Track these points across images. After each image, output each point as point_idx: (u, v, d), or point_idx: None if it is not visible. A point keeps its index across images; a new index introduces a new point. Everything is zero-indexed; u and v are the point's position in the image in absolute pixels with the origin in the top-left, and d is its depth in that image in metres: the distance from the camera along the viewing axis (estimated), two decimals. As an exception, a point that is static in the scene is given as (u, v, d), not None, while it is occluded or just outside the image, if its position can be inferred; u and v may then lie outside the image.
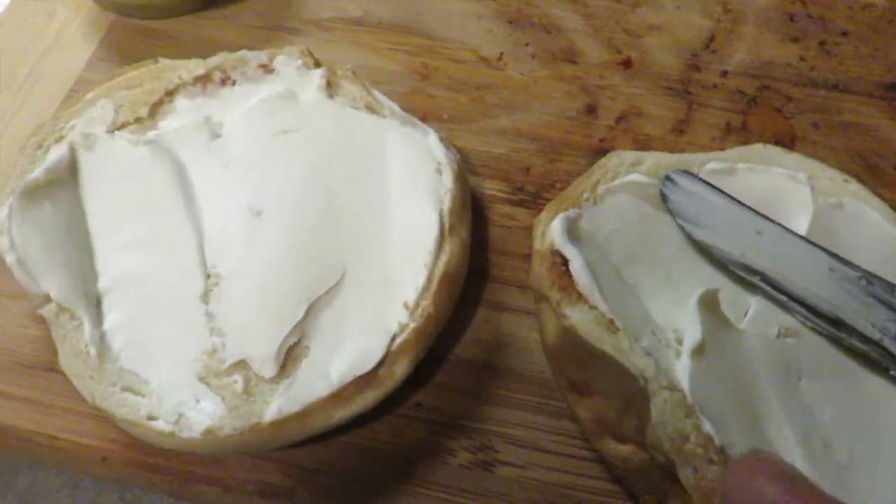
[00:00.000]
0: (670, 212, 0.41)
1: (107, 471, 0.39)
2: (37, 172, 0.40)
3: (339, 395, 0.37)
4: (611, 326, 0.36)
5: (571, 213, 0.40)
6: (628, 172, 0.42)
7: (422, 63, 0.53)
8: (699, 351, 0.37)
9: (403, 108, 0.46)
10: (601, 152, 0.49)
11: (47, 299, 0.38)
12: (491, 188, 0.48)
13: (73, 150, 0.42)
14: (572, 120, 0.51)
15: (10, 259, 0.37)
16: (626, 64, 0.53)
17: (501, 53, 0.54)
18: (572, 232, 0.39)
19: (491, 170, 0.49)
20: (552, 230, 0.39)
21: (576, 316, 0.37)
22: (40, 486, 0.43)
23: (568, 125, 0.51)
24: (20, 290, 0.43)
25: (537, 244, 0.40)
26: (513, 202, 0.48)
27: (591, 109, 0.51)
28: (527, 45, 0.54)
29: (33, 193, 0.39)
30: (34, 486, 0.43)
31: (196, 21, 0.54)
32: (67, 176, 0.41)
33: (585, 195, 0.41)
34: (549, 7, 0.56)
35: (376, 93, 0.46)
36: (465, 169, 0.46)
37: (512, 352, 0.42)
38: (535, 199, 0.48)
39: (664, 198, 0.41)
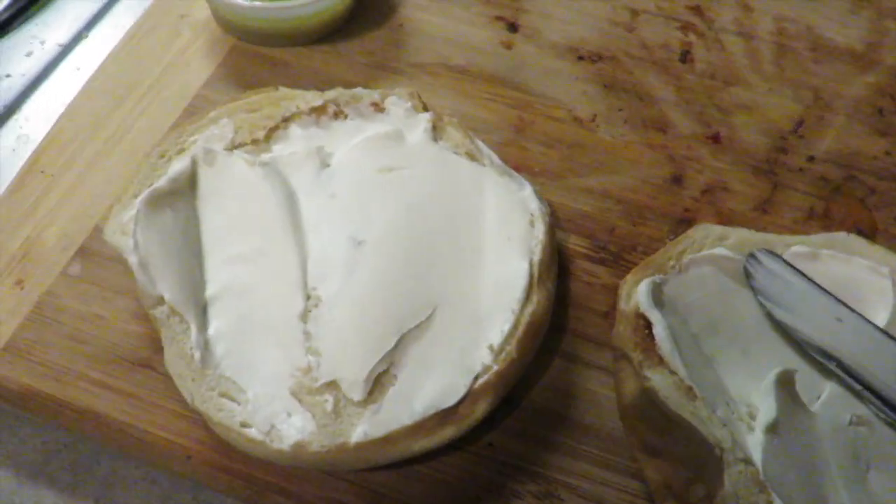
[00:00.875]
0: (752, 289, 0.42)
1: (189, 469, 0.41)
2: (162, 181, 0.43)
3: (421, 427, 0.38)
4: (689, 393, 0.37)
5: (657, 278, 0.42)
6: (714, 245, 0.44)
7: (518, 116, 0.55)
8: (772, 428, 0.38)
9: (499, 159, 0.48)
10: (684, 221, 0.51)
11: (161, 301, 0.40)
12: (574, 243, 0.50)
13: (194, 164, 0.45)
14: (658, 187, 0.53)
15: (133, 259, 0.40)
16: (715, 139, 0.55)
17: (595, 115, 0.56)
18: (657, 297, 0.41)
19: (576, 226, 0.50)
20: (639, 293, 0.41)
21: (656, 379, 0.38)
22: (119, 476, 0.45)
23: (653, 191, 0.52)
24: (126, 287, 0.46)
25: (622, 304, 0.41)
26: (594, 259, 0.49)
27: (677, 179, 0.53)
28: (620, 110, 0.56)
29: (157, 201, 0.42)
30: (113, 475, 0.45)
31: (310, 53, 0.57)
32: (187, 187, 0.44)
33: (671, 262, 0.43)
34: (644, 76, 0.58)
35: (478, 141, 0.48)
36: (554, 223, 0.47)
37: (584, 405, 0.43)
38: (616, 259, 0.49)
39: (747, 274, 0.43)
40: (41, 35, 0.63)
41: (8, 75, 0.60)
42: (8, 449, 0.46)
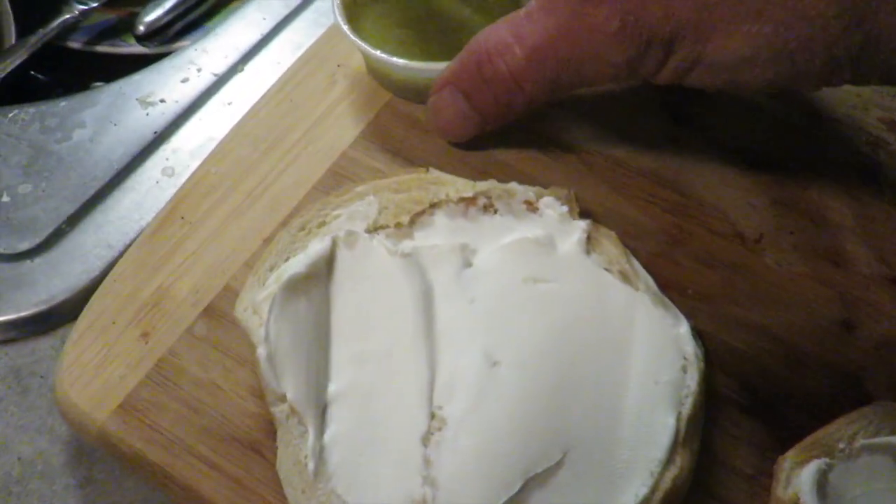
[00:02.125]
0: (933, 492, 0.37)
1: (281, 571, 0.40)
2: (300, 266, 0.41)
3: (534, 590, 0.35)
4: None
5: (823, 463, 0.37)
6: (894, 430, 0.39)
7: (674, 223, 0.51)
8: None
9: (649, 271, 0.44)
10: (850, 376, 0.45)
11: (283, 399, 0.39)
12: (720, 384, 0.45)
13: (334, 245, 0.43)
14: (825, 331, 0.47)
15: (262, 352, 0.39)
16: (897, 283, 0.49)
17: (761, 235, 0.51)
18: (821, 486, 0.36)
19: (724, 363, 0.46)
20: (801, 481, 0.36)
21: None
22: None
23: (819, 336, 0.47)
24: (248, 358, 0.44)
25: (779, 490, 0.37)
26: (742, 407, 0.44)
27: (849, 325, 0.47)
28: (791, 233, 0.51)
29: (294, 286, 0.41)
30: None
31: (464, 123, 0.55)
32: (324, 271, 0.43)
33: (840, 444, 0.38)
34: (823, 197, 0.52)
35: (634, 261, 0.44)
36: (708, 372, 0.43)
37: (713, 583, 0.39)
38: (766, 409, 0.44)
39: (929, 473, 0.37)
40: (199, 62, 0.63)
41: (162, 100, 0.61)
42: (109, 500, 0.45)
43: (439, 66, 0.48)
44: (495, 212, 0.45)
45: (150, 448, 0.42)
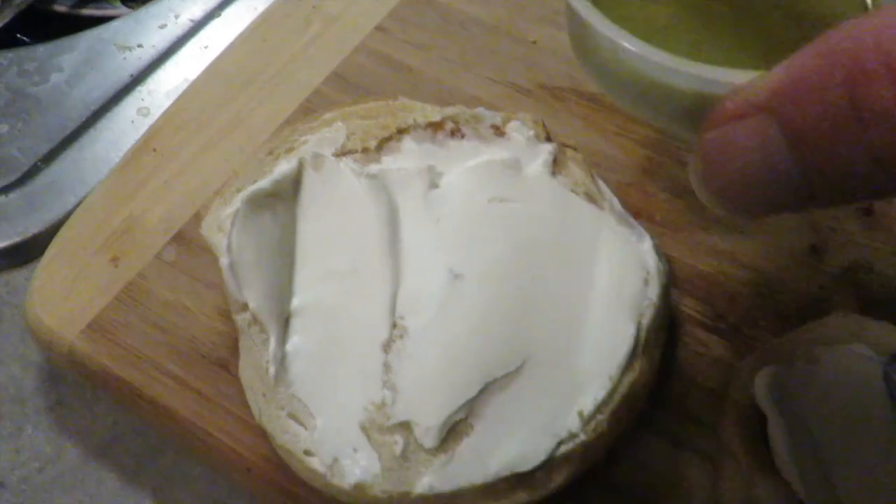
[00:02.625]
0: (891, 398, 0.37)
1: (247, 482, 0.40)
2: (265, 182, 0.42)
3: (492, 488, 0.35)
4: (800, 510, 0.33)
5: (780, 369, 0.37)
6: (850, 340, 0.39)
7: (647, 157, 0.51)
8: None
9: (618, 199, 0.45)
10: (818, 301, 0.45)
11: (244, 307, 0.39)
12: (688, 307, 0.45)
13: (300, 167, 0.43)
14: (793, 258, 0.47)
15: (224, 261, 0.39)
16: (867, 212, 0.49)
17: (731, 167, 0.51)
18: (777, 391, 0.36)
19: (693, 287, 0.46)
20: (757, 384, 0.36)
21: (765, 486, 0.33)
22: (180, 471, 0.44)
23: (787, 262, 0.47)
24: (216, 282, 0.45)
25: (736, 393, 0.37)
26: (708, 328, 0.45)
27: (817, 251, 0.48)
28: (761, 164, 0.51)
29: (259, 202, 0.41)
30: (175, 470, 0.44)
31: (436, 61, 0.55)
32: (290, 191, 0.43)
33: (799, 352, 0.38)
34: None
35: (600, 182, 0.44)
36: (670, 285, 0.43)
37: (674, 492, 0.39)
38: (733, 331, 0.44)
39: (887, 380, 0.37)
40: (177, 9, 0.63)
41: (140, 45, 0.61)
42: (80, 423, 0.46)
43: (742, 76, 0.22)
44: (462, 136, 0.46)
45: (118, 365, 0.42)
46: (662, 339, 0.41)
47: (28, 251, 0.51)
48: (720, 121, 0.21)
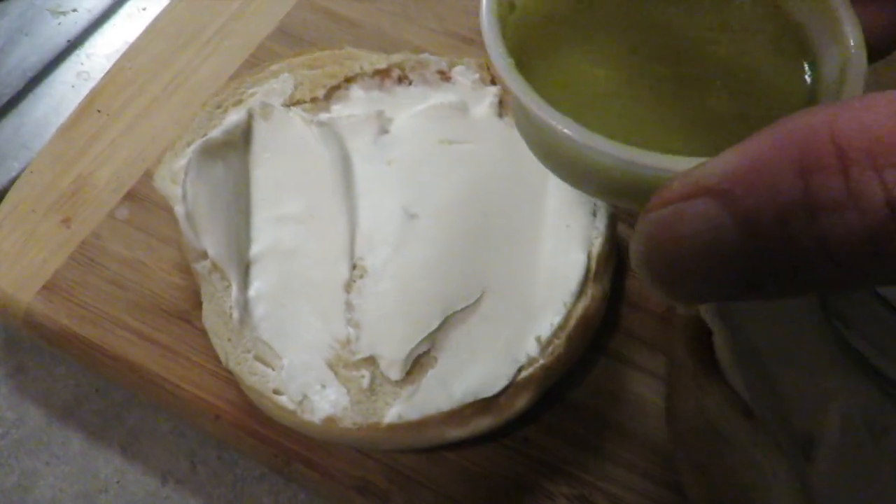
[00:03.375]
0: (825, 308, 0.39)
1: (217, 429, 0.41)
2: (216, 132, 0.42)
3: (458, 414, 0.37)
4: (747, 413, 0.35)
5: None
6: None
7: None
8: (833, 460, 0.35)
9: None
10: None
11: (204, 255, 0.39)
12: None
13: (249, 117, 0.44)
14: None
15: (179, 210, 0.39)
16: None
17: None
18: (720, 305, 0.38)
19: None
20: (702, 300, 0.38)
21: (713, 394, 0.36)
22: (147, 427, 0.44)
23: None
24: (171, 237, 0.45)
25: (681, 309, 0.39)
26: (655, 257, 0.47)
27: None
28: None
29: (210, 151, 0.41)
30: (141, 425, 0.44)
31: (378, 14, 0.55)
32: (241, 141, 0.43)
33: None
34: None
35: (546, 121, 0.46)
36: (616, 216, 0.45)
37: (628, 409, 0.41)
38: (678, 259, 0.47)
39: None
40: (112, -29, 0.62)
41: (74, 10, 0.59)
42: (41, 387, 0.45)
43: (689, 162, 0.21)
44: (409, 82, 0.46)
45: (78, 324, 0.42)
46: (611, 268, 0.42)
47: (-28, 219, 0.50)
48: (667, 201, 0.19)
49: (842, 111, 0.18)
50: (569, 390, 0.42)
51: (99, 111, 0.50)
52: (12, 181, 0.50)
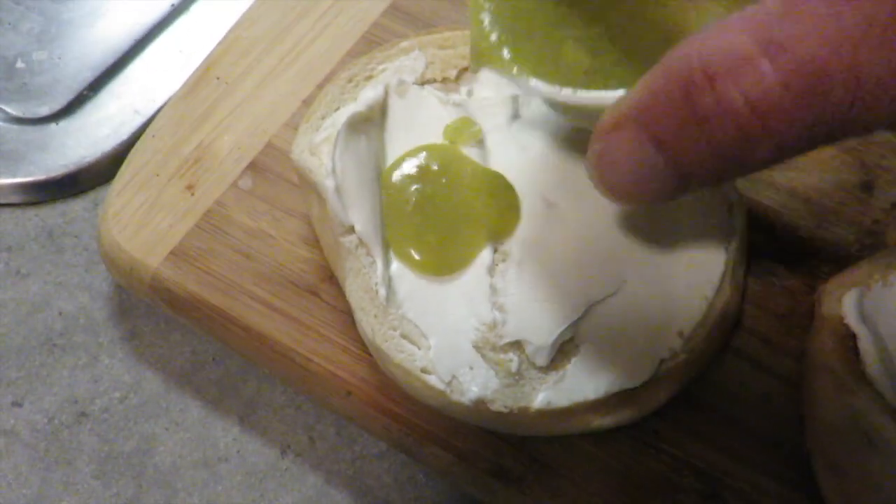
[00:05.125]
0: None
1: (348, 406, 0.40)
2: (360, 105, 0.41)
3: (603, 403, 0.37)
4: (894, 418, 0.35)
5: (862, 291, 0.39)
6: (922, 264, 0.41)
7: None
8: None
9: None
10: (872, 233, 0.48)
11: (351, 230, 0.39)
12: (755, 240, 0.47)
13: (386, 92, 0.43)
14: (847, 193, 0.49)
15: (329, 184, 0.39)
16: (912, 151, 0.51)
17: (784, 106, 0.52)
18: (862, 310, 0.38)
19: (757, 220, 0.47)
20: (846, 304, 0.38)
21: (861, 396, 0.36)
22: (265, 398, 0.44)
23: (842, 197, 0.49)
24: (295, 209, 0.45)
25: (828, 311, 0.39)
26: (774, 259, 0.47)
27: (867, 187, 0.50)
28: (811, 104, 0.53)
29: (355, 126, 0.41)
30: (259, 397, 0.44)
31: (494, -4, 0.55)
32: (379, 116, 0.43)
33: (877, 275, 0.40)
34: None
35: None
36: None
37: (755, 410, 0.41)
38: (797, 260, 0.46)
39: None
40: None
41: (178, -27, 0.59)
42: (158, 353, 0.45)
43: (610, 96, 0.28)
44: (540, 68, 0.46)
45: (207, 291, 0.42)
46: (744, 266, 0.42)
47: (83, 181, 0.50)
48: (602, 133, 0.26)
49: (707, 36, 0.23)
50: (696, 388, 0.41)
51: (218, 78, 0.49)
52: (125, 145, 0.50)
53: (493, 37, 0.33)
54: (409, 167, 0.41)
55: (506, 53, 0.32)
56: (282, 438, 0.43)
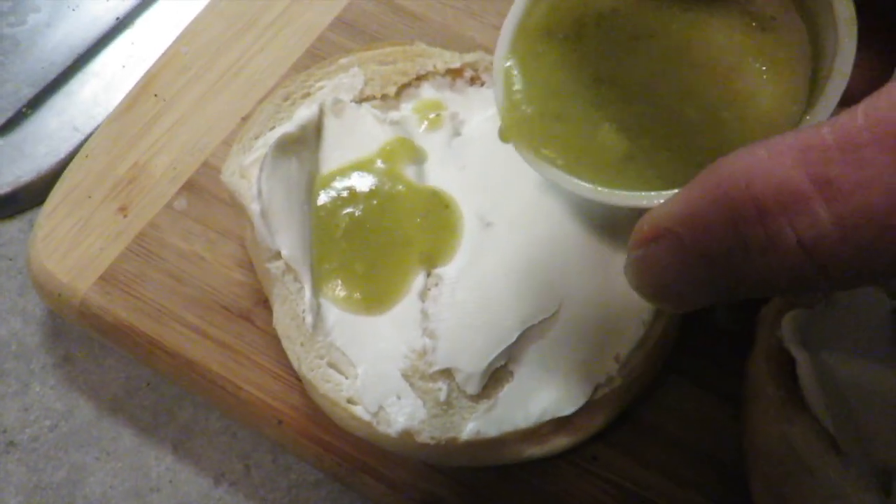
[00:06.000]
0: (902, 337, 0.39)
1: (278, 434, 0.39)
2: (291, 126, 0.40)
3: (535, 432, 0.36)
4: (832, 445, 0.34)
5: (802, 312, 0.38)
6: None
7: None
8: (916, 498, 0.35)
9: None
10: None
11: (277, 256, 0.38)
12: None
13: (321, 112, 0.42)
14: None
15: (255, 208, 0.38)
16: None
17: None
18: (800, 333, 0.37)
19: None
20: (784, 326, 0.37)
21: (798, 423, 0.35)
22: (200, 425, 0.43)
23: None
24: (231, 231, 0.44)
25: (764, 334, 0.38)
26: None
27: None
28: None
29: (284, 147, 0.40)
30: (194, 423, 0.43)
31: (442, 9, 0.54)
32: (312, 136, 0.42)
33: (819, 296, 0.39)
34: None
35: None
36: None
37: (698, 430, 0.40)
38: (746, 278, 0.46)
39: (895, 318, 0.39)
40: (162, -52, 0.60)
41: (124, -14, 0.58)
42: (91, 379, 0.44)
43: (646, 202, 0.28)
44: (482, 83, 0.45)
45: (136, 317, 0.41)
46: (687, 286, 0.41)
47: (20, 201, 0.49)
48: (640, 242, 0.25)
49: (755, 161, 0.22)
50: (639, 409, 0.41)
51: (156, 96, 0.48)
52: (63, 163, 0.49)
53: (525, 109, 0.31)
54: (339, 189, 0.40)
55: (536, 132, 0.30)
56: (216, 467, 0.42)
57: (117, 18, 0.56)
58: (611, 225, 0.40)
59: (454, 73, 0.45)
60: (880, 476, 0.36)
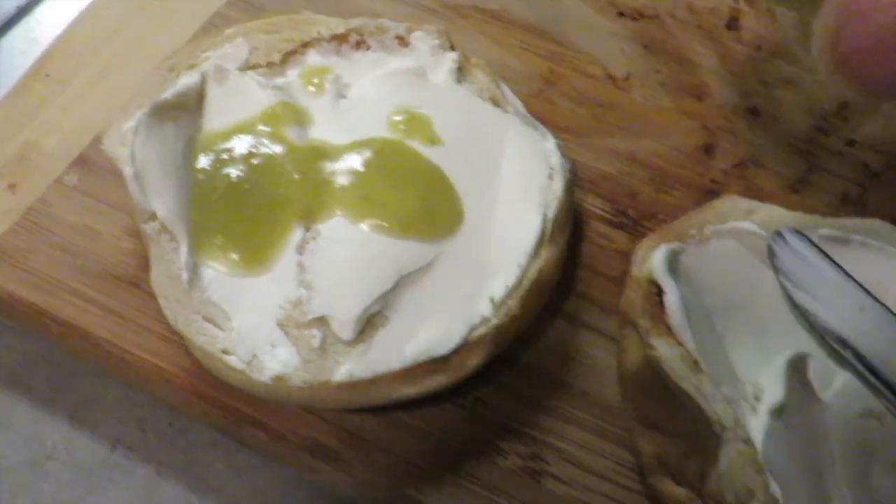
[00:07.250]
0: (774, 268, 0.40)
1: (167, 393, 0.40)
2: (167, 94, 0.41)
3: (410, 373, 0.37)
4: (695, 367, 0.35)
5: (675, 246, 0.39)
6: (740, 219, 0.41)
7: (549, 68, 0.53)
8: (778, 412, 0.36)
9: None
10: (710, 193, 0.48)
11: (153, 217, 0.38)
12: (593, 205, 0.47)
13: (203, 80, 0.43)
14: (688, 156, 0.50)
15: (128, 171, 0.38)
16: (753, 112, 0.52)
17: (629, 74, 0.53)
18: (673, 265, 0.39)
19: (596, 187, 0.48)
20: (654, 259, 0.38)
21: (662, 349, 0.36)
22: (97, 394, 0.43)
23: (682, 160, 0.50)
24: (123, 203, 0.44)
25: (635, 270, 0.39)
26: (612, 223, 0.47)
27: (709, 149, 0.50)
28: (657, 72, 0.53)
29: (161, 113, 0.40)
30: (91, 393, 0.43)
31: (338, -18, 0.55)
32: (194, 103, 0.42)
33: (692, 231, 0.41)
34: (686, 40, 0.55)
35: (504, 87, 0.46)
36: (573, 181, 0.45)
37: (582, 370, 0.42)
38: (634, 225, 0.47)
39: (771, 253, 0.40)
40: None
41: (26, -24, 0.58)
42: (-12, 355, 0.44)
43: None
44: (367, 48, 0.46)
45: (24, 289, 0.41)
46: (568, 232, 0.42)
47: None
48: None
49: None
50: (523, 352, 0.42)
51: (48, 76, 0.49)
52: (-43, 148, 0.49)
53: None
54: (219, 151, 0.41)
55: None
56: (113, 433, 0.42)
57: (18, 7, 0.56)
58: (492, 183, 0.41)
59: (340, 39, 0.46)
60: (747, 397, 0.37)
